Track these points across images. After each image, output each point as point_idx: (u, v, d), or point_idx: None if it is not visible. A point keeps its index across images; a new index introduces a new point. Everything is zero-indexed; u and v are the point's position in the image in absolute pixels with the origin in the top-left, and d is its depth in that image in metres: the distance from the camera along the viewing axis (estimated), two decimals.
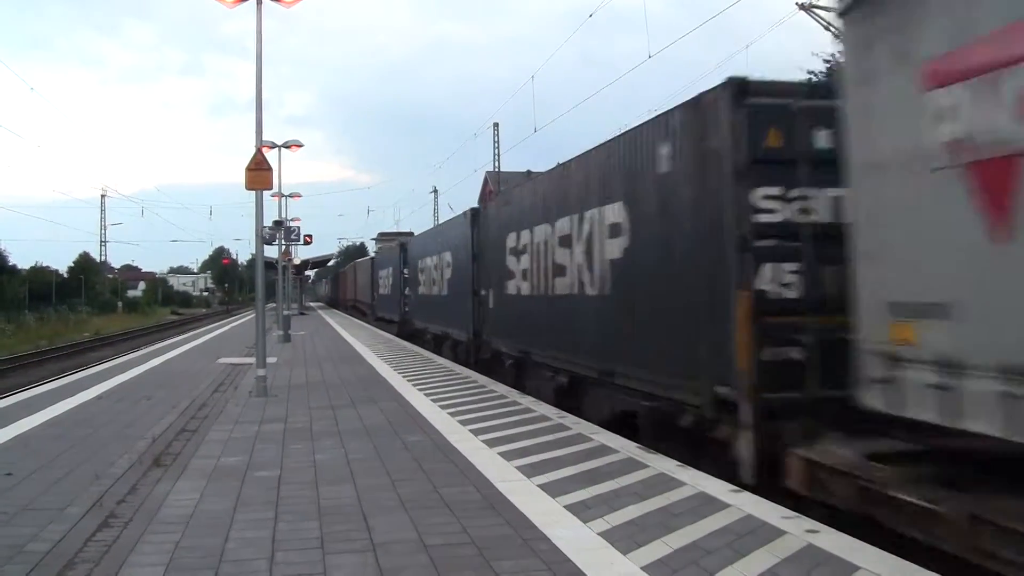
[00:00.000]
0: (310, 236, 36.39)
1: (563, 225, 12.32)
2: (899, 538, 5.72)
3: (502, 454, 8.45)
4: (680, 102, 8.82)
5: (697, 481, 7.16)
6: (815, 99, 7.68)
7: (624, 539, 5.62)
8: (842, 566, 5.02)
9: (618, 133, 10.66)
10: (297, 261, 42.87)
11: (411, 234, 47.38)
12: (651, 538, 5.63)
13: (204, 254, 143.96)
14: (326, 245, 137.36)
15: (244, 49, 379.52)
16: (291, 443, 9.47)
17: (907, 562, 5.06)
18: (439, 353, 22.48)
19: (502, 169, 53.92)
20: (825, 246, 7.20)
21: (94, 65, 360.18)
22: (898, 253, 5.71)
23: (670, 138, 8.96)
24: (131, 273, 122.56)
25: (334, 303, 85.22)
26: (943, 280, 5.28)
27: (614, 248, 10.39)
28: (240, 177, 13.68)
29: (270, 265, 29.81)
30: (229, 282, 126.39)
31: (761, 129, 7.65)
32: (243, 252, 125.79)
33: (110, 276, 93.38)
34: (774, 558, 5.19)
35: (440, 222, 29.92)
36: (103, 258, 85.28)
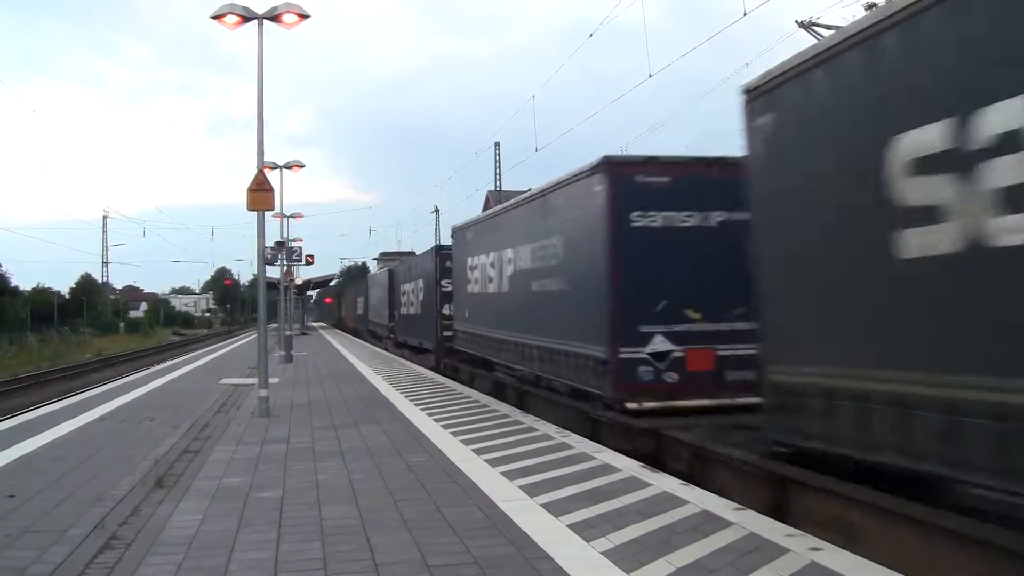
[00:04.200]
0: (312, 256, 36.33)
1: None
2: (902, 557, 5.71)
3: (505, 473, 8.44)
4: None
5: (700, 499, 7.15)
6: None
7: (627, 558, 5.60)
8: None
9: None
10: (299, 281, 42.92)
11: (413, 254, 46.45)
12: (654, 557, 5.61)
13: (206, 275, 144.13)
14: (328, 265, 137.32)
15: (241, 68, 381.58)
16: (293, 463, 9.46)
17: None
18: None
19: (503, 188, 54.09)
20: None
21: (93, 85, 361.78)
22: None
23: None
24: (133, 294, 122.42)
25: (340, 324, 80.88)
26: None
27: None
28: (241, 197, 13.76)
29: (272, 285, 29.88)
30: (231, 302, 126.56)
31: None
32: (245, 272, 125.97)
33: (112, 297, 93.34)
34: None
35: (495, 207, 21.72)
36: (105, 279, 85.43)
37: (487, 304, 17.91)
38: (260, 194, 13.77)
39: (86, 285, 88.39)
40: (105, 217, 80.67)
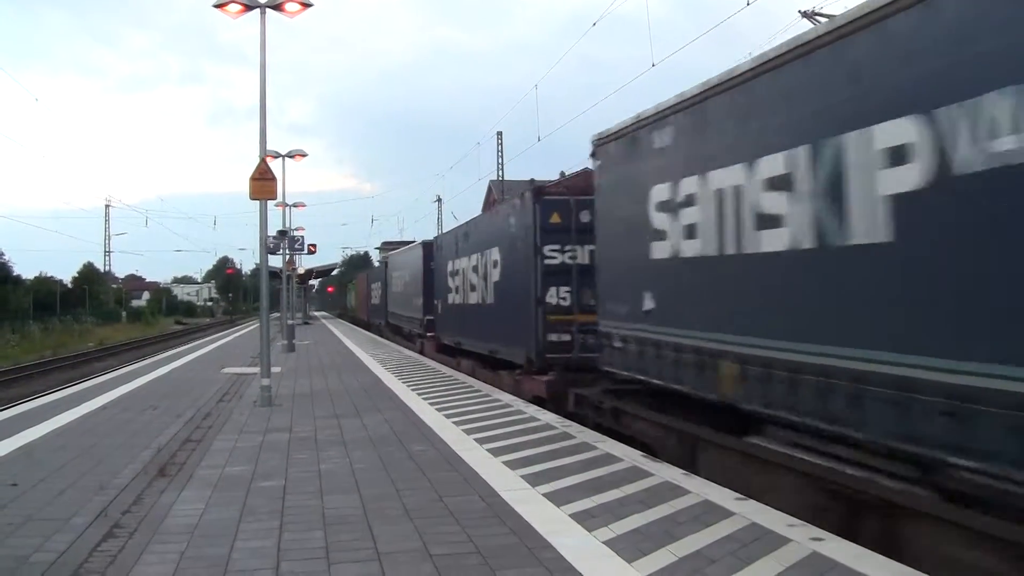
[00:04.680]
0: (314, 246, 36.22)
1: None
2: (905, 547, 5.70)
3: (507, 463, 8.44)
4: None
5: (702, 489, 7.15)
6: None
7: (629, 547, 5.61)
8: (848, 574, 5.00)
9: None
10: (301, 271, 42.89)
11: (415, 242, 45.46)
12: (656, 546, 5.62)
13: (208, 264, 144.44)
14: (330, 255, 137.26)
15: (243, 56, 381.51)
16: (296, 452, 9.47)
17: (913, 570, 5.04)
18: None
19: (506, 178, 54.03)
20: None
21: (94, 74, 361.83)
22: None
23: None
24: (135, 283, 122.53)
25: (347, 315, 71.62)
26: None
27: None
28: (243, 186, 13.76)
29: (274, 275, 29.87)
30: (233, 292, 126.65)
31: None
32: (247, 262, 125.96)
33: (114, 286, 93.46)
34: (780, 566, 5.18)
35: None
36: (107, 268, 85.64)
37: (751, 283, 7.91)
38: (262, 183, 13.75)
39: (88, 274, 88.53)
40: (107, 206, 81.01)
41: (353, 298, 67.51)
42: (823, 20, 22.20)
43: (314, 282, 79.48)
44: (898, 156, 5.89)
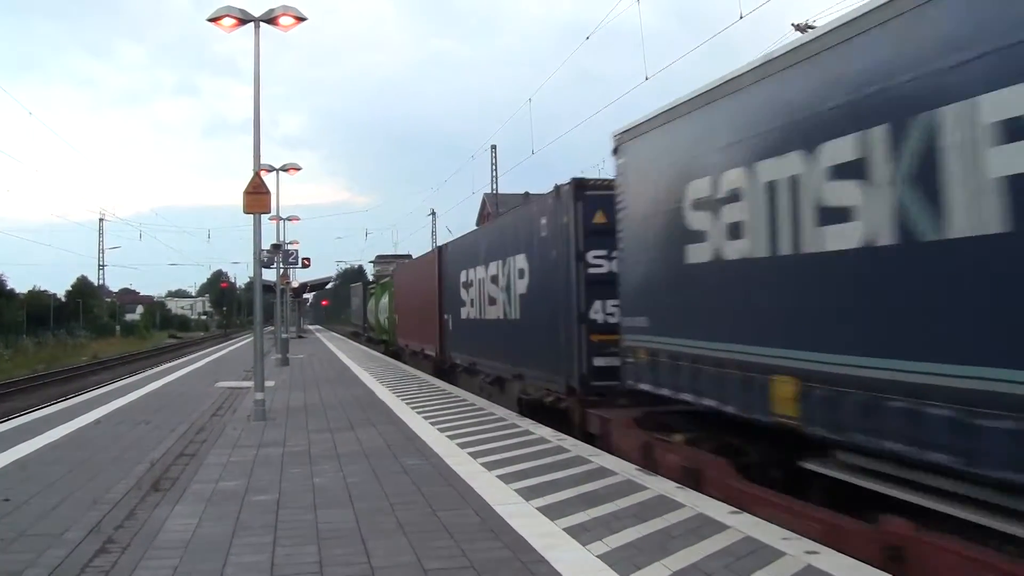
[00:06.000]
0: (308, 259, 36.26)
1: None
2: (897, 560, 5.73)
3: (501, 477, 8.44)
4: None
5: (696, 503, 7.15)
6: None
7: (623, 561, 5.61)
8: None
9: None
10: (295, 284, 42.86)
11: (410, 257, 45.33)
12: (650, 560, 5.62)
13: (202, 277, 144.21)
14: (324, 268, 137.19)
15: (236, 69, 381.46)
16: (289, 467, 9.45)
17: None
18: None
19: (500, 191, 54.17)
20: None
21: (87, 87, 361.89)
22: None
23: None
24: (129, 297, 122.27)
25: (376, 338, 43.64)
26: None
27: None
28: (237, 199, 13.80)
29: (268, 288, 29.85)
30: (227, 305, 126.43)
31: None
32: (241, 275, 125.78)
33: (108, 300, 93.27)
34: None
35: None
36: (101, 282, 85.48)
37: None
38: (256, 197, 13.77)
39: (82, 288, 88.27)
40: (101, 219, 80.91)
41: (382, 309, 40.21)
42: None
43: (308, 296, 79.46)
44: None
